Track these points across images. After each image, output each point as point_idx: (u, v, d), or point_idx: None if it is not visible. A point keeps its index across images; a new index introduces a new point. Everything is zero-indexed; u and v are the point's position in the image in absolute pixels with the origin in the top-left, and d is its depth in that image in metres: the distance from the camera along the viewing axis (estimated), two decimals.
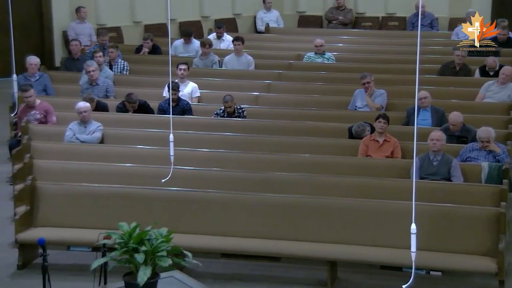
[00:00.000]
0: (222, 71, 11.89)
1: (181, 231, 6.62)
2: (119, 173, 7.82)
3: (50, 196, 7.25)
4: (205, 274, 6.82)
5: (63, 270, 6.93)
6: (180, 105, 9.68)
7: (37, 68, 10.68)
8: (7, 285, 6.79)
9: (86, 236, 6.81)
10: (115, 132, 8.98)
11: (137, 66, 11.95)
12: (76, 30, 13.79)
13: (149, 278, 4.78)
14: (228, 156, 8.34)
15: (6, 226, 7.77)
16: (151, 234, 4.98)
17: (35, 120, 9.24)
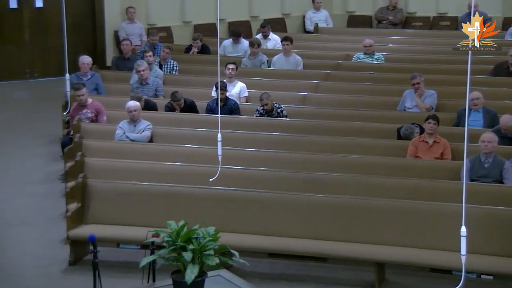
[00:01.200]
0: (270, 71, 11.90)
1: (228, 230, 6.64)
2: (167, 171, 7.89)
3: (101, 194, 7.35)
4: (252, 274, 6.83)
5: (113, 267, 7.03)
6: (228, 105, 9.72)
7: (89, 68, 10.86)
8: (59, 280, 6.92)
9: (135, 233, 6.90)
10: (164, 131, 9.07)
11: (186, 66, 12.05)
12: (126, 30, 13.99)
13: (197, 276, 4.81)
14: (275, 156, 8.34)
15: (59, 222, 7.92)
16: (199, 233, 5.01)
17: (86, 119, 9.39)
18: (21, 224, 8.14)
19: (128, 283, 6.52)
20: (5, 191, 9.05)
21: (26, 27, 14.29)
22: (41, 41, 14.36)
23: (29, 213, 8.42)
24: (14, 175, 9.63)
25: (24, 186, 9.27)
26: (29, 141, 10.96)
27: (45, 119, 11.75)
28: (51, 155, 10.31)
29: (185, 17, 15.25)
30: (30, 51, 14.36)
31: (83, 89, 9.42)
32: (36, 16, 14.36)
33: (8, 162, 10.11)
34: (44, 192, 9.07)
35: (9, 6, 14.11)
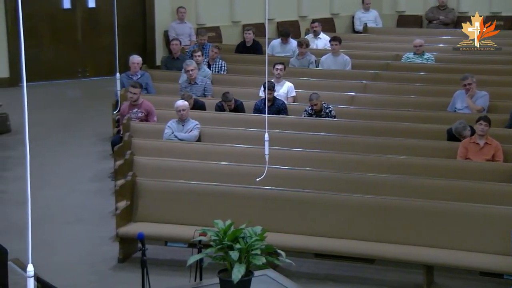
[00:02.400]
0: (318, 71, 11.86)
1: (275, 230, 6.65)
2: (215, 171, 7.93)
3: (149, 192, 7.43)
4: (298, 274, 6.82)
5: (161, 265, 7.10)
6: (276, 105, 9.72)
7: (139, 67, 10.98)
8: (108, 277, 7.02)
9: (182, 232, 6.95)
10: (211, 131, 9.12)
11: (235, 66, 12.10)
12: (176, 30, 14.12)
13: (243, 275, 4.83)
14: (322, 156, 8.31)
15: (108, 220, 8.03)
16: (246, 232, 5.02)
17: (136, 118, 9.50)
18: (73, 221, 8.28)
19: (175, 281, 6.58)
20: (58, 189, 9.23)
21: (78, 27, 14.55)
22: (93, 41, 14.60)
23: (80, 211, 8.57)
24: (66, 173, 9.81)
25: (76, 183, 9.44)
26: (80, 139, 11.15)
27: (96, 118, 11.94)
28: (102, 153, 10.47)
29: (234, 17, 15.32)
30: (82, 51, 14.61)
31: (138, 89, 9.52)
32: (89, 16, 14.60)
33: (61, 160, 10.31)
34: (95, 190, 9.21)
35: (63, 6, 14.38)
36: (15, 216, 8.09)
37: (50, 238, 7.74)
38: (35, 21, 13.78)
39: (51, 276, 5.23)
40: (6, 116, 11.28)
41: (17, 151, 10.33)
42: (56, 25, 14.33)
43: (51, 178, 9.52)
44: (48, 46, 14.22)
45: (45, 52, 14.12)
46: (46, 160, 10.06)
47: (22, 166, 7.30)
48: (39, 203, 8.37)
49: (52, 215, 8.38)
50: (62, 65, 14.37)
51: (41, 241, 7.41)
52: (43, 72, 13.89)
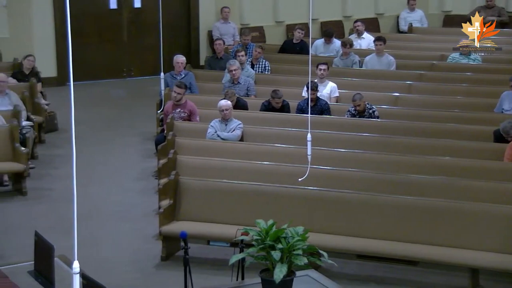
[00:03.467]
0: (362, 71, 11.79)
1: (317, 230, 6.64)
2: (257, 170, 7.95)
3: (192, 191, 7.48)
4: (340, 275, 6.79)
5: (203, 263, 7.14)
6: (319, 105, 9.70)
7: (183, 67, 11.07)
8: (151, 275, 7.09)
9: (225, 231, 6.98)
10: (254, 130, 9.14)
11: (278, 66, 12.11)
12: (220, 29, 14.19)
13: (285, 275, 4.83)
14: (365, 156, 8.26)
15: (152, 218, 8.11)
16: (288, 232, 5.02)
17: (179, 118, 9.57)
18: (117, 219, 8.39)
19: (217, 280, 6.61)
20: (103, 187, 9.36)
21: (124, 27, 14.73)
22: (138, 40, 14.77)
23: (125, 209, 8.67)
24: (111, 171, 9.94)
25: (120, 182, 9.56)
26: (125, 138, 11.29)
27: (140, 117, 12.08)
28: (146, 152, 10.58)
29: (277, 17, 15.33)
30: (127, 51, 14.79)
31: (182, 89, 9.59)
32: (134, 16, 14.77)
33: (106, 158, 10.45)
34: (139, 188, 9.32)
35: (109, 6, 14.58)
36: (62, 213, 8.23)
37: (96, 235, 7.86)
38: (82, 21, 14.00)
39: (96, 273, 5.29)
40: (54, 114, 11.48)
41: (64, 149, 10.51)
42: (102, 25, 14.53)
43: (96, 176, 9.66)
44: (94, 46, 14.43)
45: (92, 51, 14.33)
46: (91, 158, 10.21)
47: (68, 164, 7.44)
48: (85, 201, 8.50)
49: (97, 212, 8.50)
50: (107, 64, 14.58)
51: (86, 238, 7.52)
52: (89, 72, 14.11)
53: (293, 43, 13.08)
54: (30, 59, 11.45)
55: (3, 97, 10.10)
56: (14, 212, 8.55)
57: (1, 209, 8.57)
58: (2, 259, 7.12)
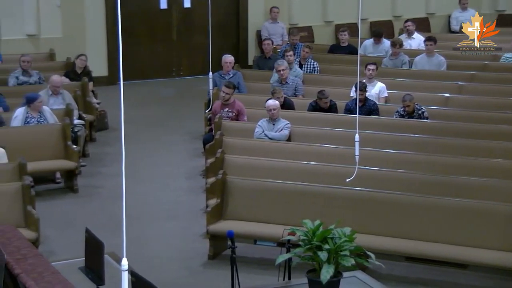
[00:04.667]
0: (412, 72, 11.66)
1: (364, 231, 6.59)
2: (304, 170, 7.93)
3: (239, 190, 7.51)
4: (388, 277, 6.74)
5: (250, 263, 7.16)
6: (367, 105, 9.63)
7: (231, 66, 11.12)
8: (199, 273, 7.14)
9: (271, 231, 6.99)
10: (302, 130, 9.12)
11: (326, 66, 12.06)
12: (269, 29, 14.21)
13: (332, 276, 4.81)
14: (414, 157, 8.17)
15: (199, 217, 8.17)
16: (335, 233, 5.01)
17: (227, 118, 9.61)
18: (165, 217, 8.48)
19: (264, 279, 6.62)
20: (152, 185, 9.47)
21: (174, 26, 14.88)
22: (188, 40, 14.90)
23: (173, 207, 8.76)
24: (159, 170, 10.05)
25: (168, 180, 9.65)
26: (173, 137, 11.40)
27: (189, 116, 12.17)
28: (194, 151, 10.66)
29: (326, 17, 15.27)
30: (177, 50, 14.93)
31: (231, 89, 9.64)
32: (184, 16, 14.90)
33: (155, 156, 10.57)
34: (187, 187, 9.40)
35: (160, 6, 14.73)
36: (112, 210, 8.36)
37: (144, 233, 7.95)
38: (133, 21, 14.18)
39: (144, 270, 5.37)
40: (105, 113, 11.66)
41: (114, 148, 10.67)
42: (152, 25, 14.70)
43: (145, 174, 9.77)
44: (144, 46, 14.61)
45: (142, 51, 14.51)
46: (141, 156, 10.34)
47: (118, 163, 7.54)
48: (134, 199, 8.61)
49: (146, 210, 8.60)
50: (157, 64, 14.74)
51: (135, 235, 7.62)
52: (139, 71, 14.29)
53: (341, 47, 13.00)
54: (83, 59, 11.66)
55: (57, 96, 10.31)
56: (66, 209, 8.72)
57: (53, 206, 8.74)
58: (54, 255, 7.27)
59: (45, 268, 5.86)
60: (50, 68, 11.77)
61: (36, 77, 11.12)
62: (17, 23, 13.20)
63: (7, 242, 6.27)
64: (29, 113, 9.40)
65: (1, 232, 6.49)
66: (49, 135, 9.28)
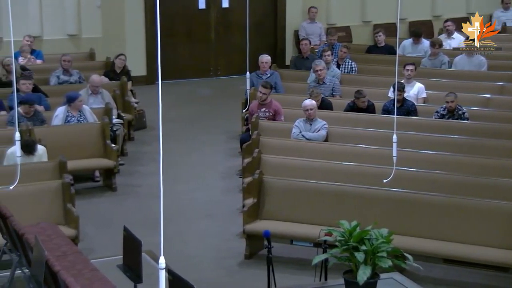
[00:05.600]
0: (451, 72, 11.52)
1: (402, 232, 6.54)
2: (341, 171, 7.91)
3: (276, 190, 7.51)
4: (425, 279, 6.67)
5: (286, 263, 7.16)
6: (405, 106, 9.55)
7: (268, 66, 11.12)
8: (235, 273, 7.17)
9: (308, 231, 6.98)
10: (339, 131, 9.09)
11: (364, 66, 12.00)
12: (306, 29, 14.18)
13: (369, 277, 4.79)
14: (453, 159, 8.07)
15: (236, 217, 8.20)
16: (372, 234, 4.98)
17: (264, 117, 9.62)
18: (202, 216, 8.52)
19: (300, 279, 6.62)
20: (189, 184, 9.52)
21: (212, 26, 14.94)
22: (225, 40, 14.94)
23: (210, 206, 8.80)
24: (196, 169, 10.11)
25: (205, 179, 9.70)
26: (210, 136, 11.45)
27: (226, 116, 12.21)
28: (231, 150, 10.70)
29: (365, 17, 15.18)
30: (214, 50, 14.98)
31: (268, 89, 9.65)
32: (222, 16, 14.95)
33: (192, 156, 10.63)
34: (223, 186, 9.43)
35: (198, 6, 14.81)
36: (149, 209, 8.43)
37: (181, 232, 8.01)
38: (172, 21, 14.28)
39: (181, 268, 5.40)
40: (143, 112, 11.77)
41: (152, 147, 10.76)
42: (191, 25, 14.78)
43: (182, 173, 9.84)
44: (183, 46, 14.69)
45: (180, 51, 14.60)
46: (178, 155, 10.41)
47: (156, 161, 7.61)
48: (171, 198, 8.67)
49: (183, 209, 8.66)
50: (195, 64, 14.81)
51: (172, 234, 7.68)
52: (177, 71, 14.38)
53: (378, 47, 12.91)
54: (122, 58, 11.78)
55: (96, 95, 10.44)
56: (104, 207, 8.82)
57: (92, 204, 8.85)
58: (93, 253, 7.36)
59: (84, 265, 5.94)
60: (90, 68, 11.92)
61: (76, 77, 11.27)
62: (59, 23, 13.40)
63: (47, 239, 6.38)
64: (70, 112, 9.53)
65: (41, 229, 6.60)
66: (89, 134, 9.40)
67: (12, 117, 8.80)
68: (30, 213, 7.10)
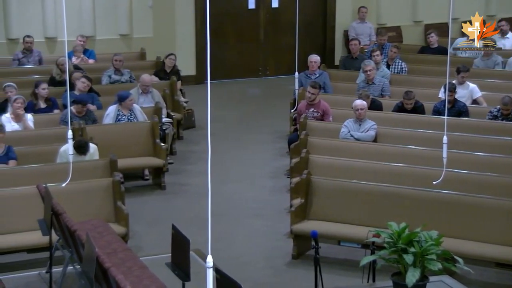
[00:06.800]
0: (505, 73, 11.31)
1: (452, 235, 6.45)
2: (390, 172, 7.84)
3: (323, 191, 7.49)
4: (476, 282, 6.57)
5: (333, 263, 7.14)
6: (456, 107, 9.42)
7: (316, 66, 11.09)
8: (282, 273, 7.17)
9: (356, 232, 6.94)
10: (388, 131, 9.01)
11: (414, 66, 11.86)
12: (356, 29, 14.09)
13: (418, 280, 4.74)
14: (505, 161, 7.92)
15: (283, 216, 8.20)
16: (421, 236, 4.93)
17: (312, 118, 9.60)
18: (250, 216, 8.55)
19: (348, 281, 6.59)
20: (237, 183, 9.56)
21: (261, 26, 14.97)
22: (274, 40, 14.96)
23: (257, 206, 8.82)
24: (244, 168, 10.14)
25: (253, 179, 9.73)
26: (259, 136, 11.48)
27: (274, 116, 12.23)
28: (279, 150, 10.70)
29: (416, 17, 15.01)
30: (263, 50, 15.02)
31: (317, 89, 9.63)
32: (272, 16, 14.97)
33: (240, 155, 10.68)
34: (271, 186, 9.44)
35: (248, 6, 14.87)
36: (198, 208, 8.49)
37: (229, 231, 8.05)
38: (221, 21, 14.36)
39: (228, 267, 5.43)
40: (192, 112, 11.87)
41: (200, 146, 10.84)
42: (240, 25, 14.84)
43: (230, 172, 9.88)
44: (232, 45, 14.77)
45: (229, 51, 14.68)
46: (226, 155, 10.46)
47: (204, 161, 7.66)
48: (220, 197, 8.72)
49: (231, 209, 8.70)
50: (244, 63, 14.86)
51: (220, 233, 7.72)
52: (226, 71, 14.45)
53: (431, 49, 12.74)
54: (172, 58, 11.90)
55: (146, 94, 10.57)
56: (153, 206, 8.92)
57: (142, 202, 8.96)
58: (142, 250, 7.46)
59: (133, 263, 6.03)
60: (140, 67, 12.07)
61: (127, 76, 11.43)
62: (111, 23, 13.61)
63: (98, 236, 6.49)
64: (120, 111, 9.67)
65: (92, 227, 6.72)
66: (139, 133, 9.52)
67: (65, 116, 8.97)
68: (81, 210, 7.23)
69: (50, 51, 13.04)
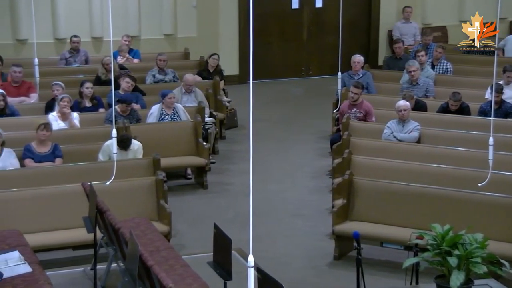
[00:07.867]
0: None
1: (498, 238, 6.34)
2: (434, 173, 7.75)
3: (366, 192, 7.44)
4: None
5: (375, 265, 7.09)
6: (503, 108, 9.26)
7: (360, 66, 11.03)
8: (324, 273, 7.15)
9: (398, 234, 6.89)
10: (432, 132, 8.91)
11: (460, 66, 11.71)
12: (401, 30, 13.97)
13: (462, 283, 4.68)
14: None
15: (325, 217, 8.18)
16: (465, 239, 4.87)
17: (355, 118, 9.55)
18: (292, 215, 8.55)
19: (390, 282, 6.54)
20: (279, 183, 9.57)
21: (305, 26, 14.95)
22: (318, 40, 14.92)
23: (299, 206, 8.81)
24: (286, 168, 10.14)
25: (295, 179, 9.72)
26: (301, 136, 11.46)
27: (317, 116, 12.20)
28: (321, 150, 10.68)
29: (462, 16, 14.79)
30: (307, 50, 14.99)
31: (359, 89, 9.59)
32: (315, 15, 14.94)
33: (282, 155, 10.68)
34: (313, 186, 9.42)
35: (292, 6, 14.86)
36: (239, 207, 8.52)
37: (271, 230, 8.05)
38: (265, 21, 14.38)
39: (270, 267, 5.44)
40: (234, 111, 11.91)
41: (243, 145, 10.87)
42: (284, 25, 14.84)
43: (272, 172, 9.89)
44: (275, 45, 14.78)
45: (273, 51, 14.69)
46: (268, 154, 10.47)
47: (246, 160, 7.70)
48: (261, 196, 8.74)
49: (273, 208, 8.71)
50: (287, 63, 14.86)
51: (262, 233, 7.73)
52: (269, 70, 14.47)
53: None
54: (215, 58, 11.96)
55: (190, 94, 10.64)
56: (196, 205, 8.98)
57: (184, 201, 9.03)
58: (184, 249, 7.51)
59: (176, 261, 6.08)
60: (184, 67, 12.16)
61: (171, 75, 11.53)
62: (156, 23, 13.74)
63: (141, 234, 6.56)
64: (164, 110, 9.76)
65: (135, 225, 6.80)
66: (182, 132, 9.59)
67: (109, 115, 9.09)
68: (125, 208, 7.31)
69: (96, 50, 13.24)
